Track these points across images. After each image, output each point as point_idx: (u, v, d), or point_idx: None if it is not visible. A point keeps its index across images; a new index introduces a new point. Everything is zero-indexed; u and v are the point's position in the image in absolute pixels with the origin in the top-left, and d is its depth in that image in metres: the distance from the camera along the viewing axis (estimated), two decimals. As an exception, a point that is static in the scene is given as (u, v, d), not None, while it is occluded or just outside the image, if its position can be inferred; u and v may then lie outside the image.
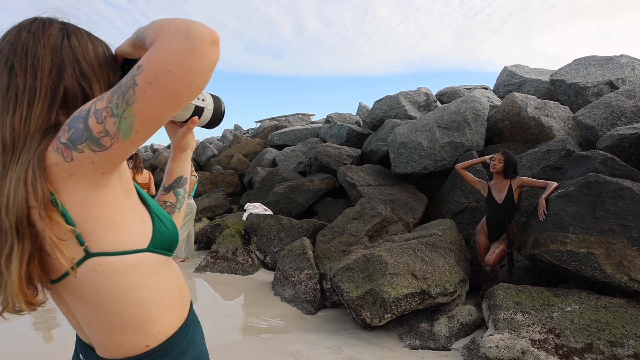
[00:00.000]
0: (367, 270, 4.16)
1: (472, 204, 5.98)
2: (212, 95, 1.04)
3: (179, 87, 0.67)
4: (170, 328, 0.87)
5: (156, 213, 0.89)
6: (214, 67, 0.70)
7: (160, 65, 0.66)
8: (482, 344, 3.42)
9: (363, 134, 8.80)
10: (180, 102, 0.70)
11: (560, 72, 7.49)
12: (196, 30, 0.67)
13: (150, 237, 0.84)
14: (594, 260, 3.50)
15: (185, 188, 1.19)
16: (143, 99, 0.68)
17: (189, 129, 1.03)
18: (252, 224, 6.69)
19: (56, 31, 0.79)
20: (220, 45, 0.71)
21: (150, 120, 0.70)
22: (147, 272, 0.83)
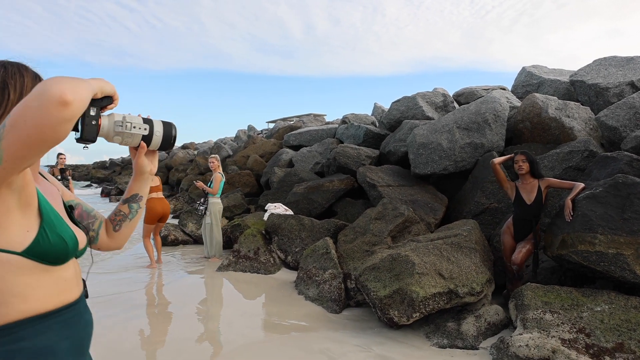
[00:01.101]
0: (393, 270, 4.22)
1: (493, 205, 6.01)
2: (164, 122, 1.26)
3: (32, 134, 0.84)
4: (19, 314, 1.02)
5: (45, 228, 1.06)
6: (67, 122, 0.86)
7: (18, 116, 0.84)
8: (511, 343, 3.47)
9: (380, 135, 8.85)
10: (39, 146, 0.87)
11: (580, 72, 7.49)
12: (48, 93, 0.83)
13: (27, 245, 1.02)
14: (623, 261, 3.54)
15: (140, 204, 1.41)
16: (7, 138, 0.85)
17: (139, 153, 1.29)
18: (274, 224, 6.78)
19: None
20: (70, 107, 0.85)
21: (15, 154, 0.87)
22: (13, 270, 1.01)
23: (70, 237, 1.12)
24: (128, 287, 5.86)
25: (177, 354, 3.76)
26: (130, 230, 1.42)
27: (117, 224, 1.40)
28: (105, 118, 1.19)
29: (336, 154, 7.79)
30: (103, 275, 6.49)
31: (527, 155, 4.49)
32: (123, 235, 1.43)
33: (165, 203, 7.03)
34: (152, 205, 6.83)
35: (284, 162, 10.06)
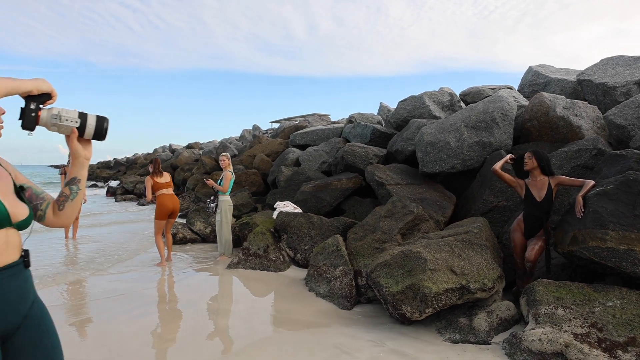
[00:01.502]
0: (405, 266, 4.27)
1: (502, 203, 6.05)
2: (98, 116, 1.52)
3: None
4: None
5: None
6: None
7: None
8: (524, 337, 3.52)
9: (387, 134, 8.90)
10: None
11: (588, 71, 7.52)
12: None
13: None
14: (634, 257, 3.58)
15: (79, 186, 1.62)
16: None
17: (71, 139, 1.51)
18: (283, 222, 6.83)
19: None
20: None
21: None
22: None
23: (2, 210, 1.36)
24: (139, 284, 5.92)
25: (192, 350, 3.82)
26: (72, 209, 1.62)
27: (61, 204, 1.60)
28: (45, 111, 1.43)
29: (344, 153, 7.84)
30: (114, 273, 6.56)
31: (534, 153, 4.53)
32: (67, 213, 1.61)
33: (175, 199, 7.11)
34: (163, 201, 6.91)
35: (291, 161, 10.12)
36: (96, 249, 8.41)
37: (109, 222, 12.33)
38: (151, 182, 7.00)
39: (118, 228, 11.12)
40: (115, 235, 9.96)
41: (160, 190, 7.00)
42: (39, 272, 6.49)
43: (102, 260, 7.35)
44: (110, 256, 7.69)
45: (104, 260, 7.36)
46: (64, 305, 5.06)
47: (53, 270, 6.66)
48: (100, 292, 5.54)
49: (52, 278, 6.23)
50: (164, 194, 7.00)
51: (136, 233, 10.27)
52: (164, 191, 7.02)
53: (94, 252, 8.05)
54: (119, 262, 7.24)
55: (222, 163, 7.53)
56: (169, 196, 7.04)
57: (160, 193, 6.99)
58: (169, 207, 6.96)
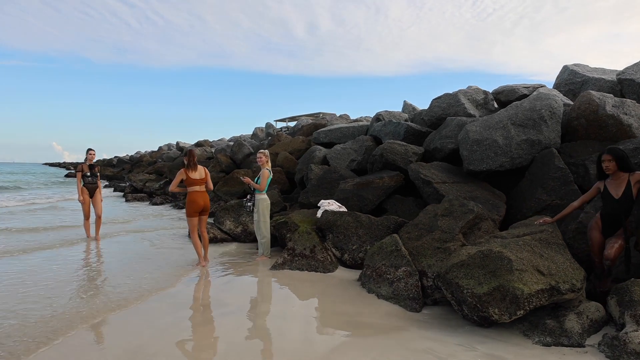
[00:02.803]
0: (487, 267, 4.14)
1: (556, 202, 5.95)
2: None
3: None
4: None
5: None
6: None
7: None
8: (628, 340, 3.41)
9: (422, 132, 8.78)
10: None
11: (629, 71, 7.47)
12: None
13: None
14: None
15: None
16: None
17: None
18: (328, 221, 6.67)
19: None
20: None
21: None
22: None
23: None
24: (183, 286, 5.72)
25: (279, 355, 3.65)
26: None
27: None
28: None
29: (383, 151, 7.70)
30: (157, 270, 6.35)
31: (612, 154, 4.41)
32: None
33: (206, 196, 6.90)
34: (193, 198, 6.68)
35: (318, 159, 9.95)
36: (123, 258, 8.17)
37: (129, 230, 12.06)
38: (183, 176, 6.74)
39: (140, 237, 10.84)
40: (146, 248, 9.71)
41: (192, 186, 6.76)
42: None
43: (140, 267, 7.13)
44: (153, 249, 7.46)
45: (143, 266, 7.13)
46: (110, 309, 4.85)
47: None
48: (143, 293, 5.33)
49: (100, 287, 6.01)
50: (196, 191, 6.77)
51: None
52: (197, 188, 6.79)
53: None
54: (156, 260, 7.01)
55: (259, 160, 7.33)
56: (201, 193, 6.81)
57: (192, 189, 6.75)
58: (199, 204, 6.75)
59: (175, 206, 13.73)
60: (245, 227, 8.60)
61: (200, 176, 6.88)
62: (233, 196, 11.77)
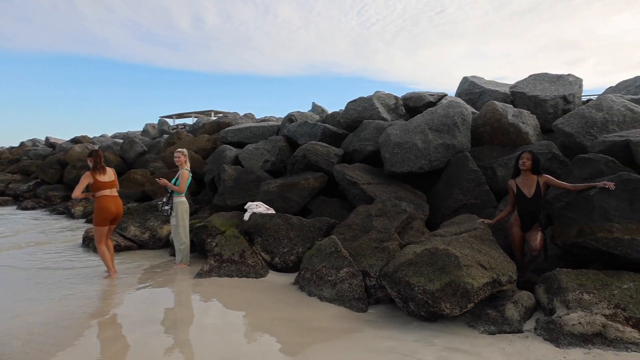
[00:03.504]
0: (435, 264, 4.40)
1: (471, 201, 6.57)
2: None
3: None
4: None
5: None
6: None
7: None
8: (563, 322, 3.91)
9: (338, 134, 9.02)
10: None
11: (520, 85, 8.58)
12: None
13: None
14: (637, 245, 4.21)
15: None
16: None
17: None
18: (257, 224, 6.50)
19: None
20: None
21: None
22: None
23: None
24: (100, 302, 5.13)
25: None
26: None
27: None
28: None
29: (306, 152, 7.74)
30: (64, 287, 5.57)
31: (532, 155, 5.06)
32: None
33: (119, 201, 6.30)
34: (105, 204, 6.02)
35: (230, 159, 9.62)
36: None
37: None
38: (90, 180, 6.03)
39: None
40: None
41: (101, 190, 6.09)
42: None
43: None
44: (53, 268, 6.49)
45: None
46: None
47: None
48: (54, 315, 4.67)
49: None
50: (107, 196, 6.12)
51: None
52: (107, 192, 6.14)
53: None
54: (57, 275, 6.15)
55: (177, 160, 6.87)
56: (113, 198, 6.18)
57: (101, 194, 6.08)
58: (112, 211, 6.11)
59: (54, 211, 12.12)
60: (153, 233, 7.96)
61: (109, 178, 6.21)
62: (129, 199, 10.80)
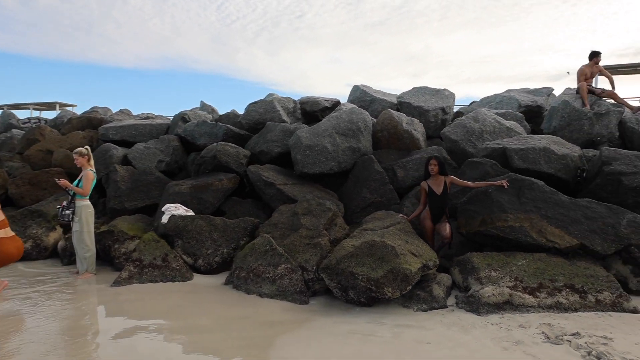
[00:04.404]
0: (375, 255, 5.08)
1: (378, 199, 7.48)
2: None
3: None
4: None
5: None
6: None
7: None
8: (480, 295, 4.92)
9: (240, 135, 9.22)
10: None
11: (405, 96, 9.90)
12: None
13: None
14: (525, 230, 5.48)
15: None
16: None
17: None
18: (177, 227, 6.44)
19: None
20: None
21: None
22: None
23: None
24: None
25: None
26: None
27: None
28: None
29: (217, 152, 7.82)
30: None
31: (438, 160, 6.11)
32: None
33: (20, 243, 5.74)
34: (5, 249, 5.45)
35: (117, 159, 9.06)
36: None
37: None
38: None
39: None
40: None
41: None
42: None
43: None
44: None
45: None
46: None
47: None
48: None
49: None
50: (3, 239, 5.52)
51: None
52: (1, 234, 5.53)
53: None
54: None
55: (78, 162, 6.41)
56: (11, 240, 5.62)
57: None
58: (14, 255, 5.60)
59: None
60: (37, 242, 7.21)
61: None
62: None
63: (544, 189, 5.76)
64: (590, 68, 8.74)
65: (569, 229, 5.46)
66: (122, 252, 6.51)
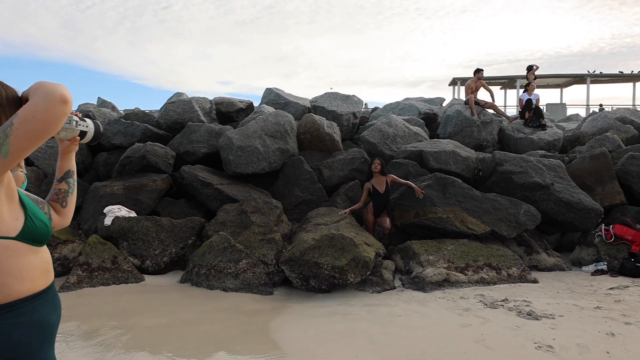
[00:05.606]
0: (335, 246, 5.82)
1: (308, 197, 8.24)
2: (95, 122, 1.64)
3: (40, 128, 1.19)
4: (19, 294, 1.33)
5: (30, 215, 1.39)
6: (65, 116, 1.23)
7: (29, 114, 1.18)
8: (424, 276, 5.98)
9: (159, 135, 9.16)
10: (43, 137, 1.22)
11: (318, 100, 10.78)
12: (52, 92, 1.19)
13: (19, 230, 1.32)
14: (450, 220, 6.72)
15: (74, 178, 1.70)
16: (16, 134, 1.17)
17: (73, 143, 1.61)
18: (122, 228, 6.41)
19: None
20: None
21: (20, 147, 1.19)
22: (11, 253, 1.30)
23: (48, 220, 1.48)
24: None
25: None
26: (73, 204, 1.71)
27: (63, 200, 1.66)
28: None
29: (146, 152, 7.78)
30: None
31: (380, 161, 7.10)
32: (70, 210, 1.69)
33: None
34: None
35: (16, 159, 8.35)
36: None
37: None
38: None
39: None
40: None
41: None
42: None
43: None
44: None
45: None
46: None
47: None
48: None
49: None
50: None
51: None
52: None
53: None
54: None
55: None
56: None
57: None
58: None
59: None
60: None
61: None
62: None
63: (462, 185, 7.10)
64: (475, 82, 10.63)
65: (482, 218, 6.84)
66: (56, 258, 6.27)
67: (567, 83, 30.10)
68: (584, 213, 7.14)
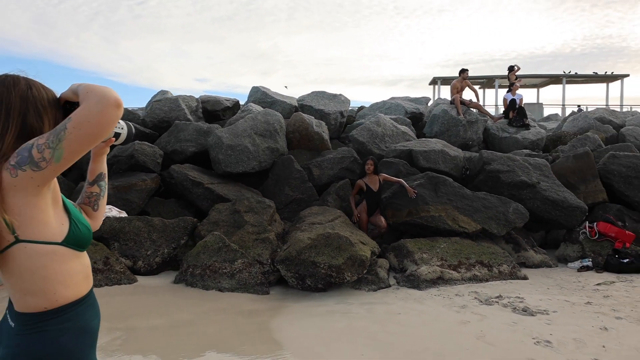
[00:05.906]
0: (332, 245, 5.89)
1: (299, 196, 8.28)
2: (127, 123, 1.62)
3: (94, 131, 1.20)
4: (65, 300, 1.35)
5: (74, 220, 1.39)
6: (117, 120, 1.24)
7: (83, 118, 1.18)
8: (418, 274, 6.09)
9: (146, 133, 9.06)
10: (96, 140, 1.23)
11: (306, 99, 10.82)
12: (106, 96, 1.20)
13: (65, 236, 1.33)
14: (443, 219, 6.86)
15: (106, 181, 1.69)
16: (69, 138, 1.17)
17: (107, 145, 1.58)
18: (113, 229, 6.34)
19: (23, 84, 1.30)
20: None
21: (73, 151, 1.20)
22: (57, 259, 1.31)
23: (89, 225, 1.50)
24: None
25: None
26: (104, 207, 1.70)
27: (94, 204, 1.64)
28: None
29: (135, 152, 7.70)
30: None
31: (373, 160, 7.19)
32: (101, 213, 1.67)
33: None
34: None
35: None
36: None
37: None
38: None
39: None
40: None
41: None
42: None
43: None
44: None
45: None
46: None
47: None
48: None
49: None
50: None
51: None
52: None
53: None
54: None
55: None
56: None
57: None
58: None
59: None
60: None
61: None
62: None
63: (453, 184, 7.26)
64: (460, 83, 10.83)
65: (473, 217, 7.00)
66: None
67: (543, 83, 30.88)
68: (569, 211, 7.38)
